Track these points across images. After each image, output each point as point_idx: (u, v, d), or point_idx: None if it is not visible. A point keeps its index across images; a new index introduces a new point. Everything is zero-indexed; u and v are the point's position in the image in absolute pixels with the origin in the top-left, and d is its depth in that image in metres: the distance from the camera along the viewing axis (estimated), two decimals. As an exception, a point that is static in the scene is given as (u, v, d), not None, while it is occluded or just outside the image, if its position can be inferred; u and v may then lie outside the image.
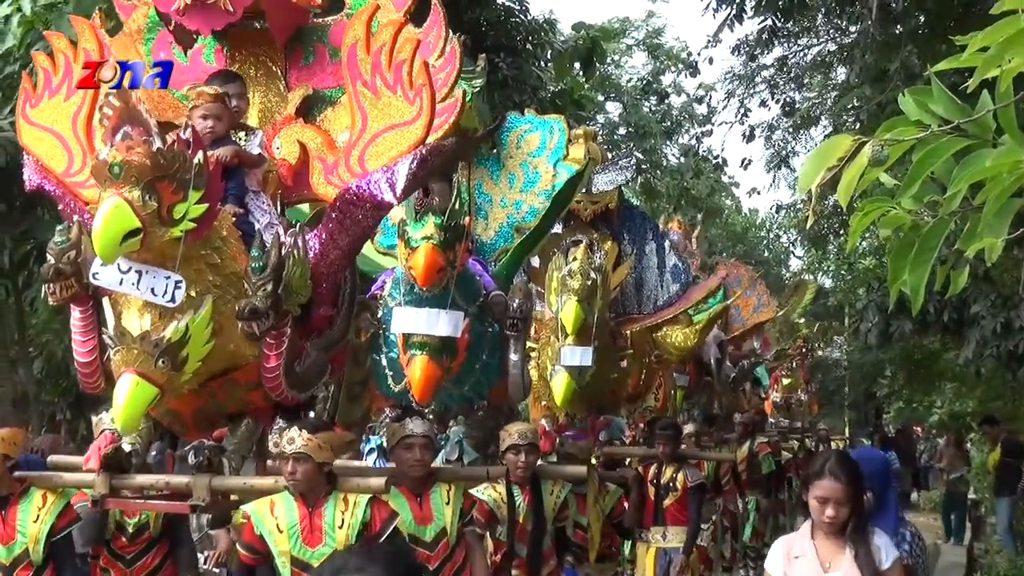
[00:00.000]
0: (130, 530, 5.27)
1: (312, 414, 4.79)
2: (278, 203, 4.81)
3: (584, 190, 7.70)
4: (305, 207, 5.45)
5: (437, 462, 5.87)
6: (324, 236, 4.37)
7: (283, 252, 4.13)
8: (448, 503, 5.02)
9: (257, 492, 4.41)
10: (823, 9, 13.78)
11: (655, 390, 9.58)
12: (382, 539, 4.35)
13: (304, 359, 4.44)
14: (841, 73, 14.83)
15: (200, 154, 3.98)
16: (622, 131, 22.39)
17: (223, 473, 4.41)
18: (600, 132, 21.11)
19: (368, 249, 6.49)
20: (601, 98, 21.60)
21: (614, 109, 22.68)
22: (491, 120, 6.56)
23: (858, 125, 11.49)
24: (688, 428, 9.61)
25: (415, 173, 4.24)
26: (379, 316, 5.71)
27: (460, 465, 5.66)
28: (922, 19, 11.04)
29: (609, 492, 7.09)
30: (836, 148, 2.27)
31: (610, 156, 8.69)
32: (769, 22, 13.54)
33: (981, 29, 2.20)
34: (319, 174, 4.60)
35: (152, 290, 3.90)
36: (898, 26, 11.07)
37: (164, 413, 4.46)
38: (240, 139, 4.73)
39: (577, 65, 15.00)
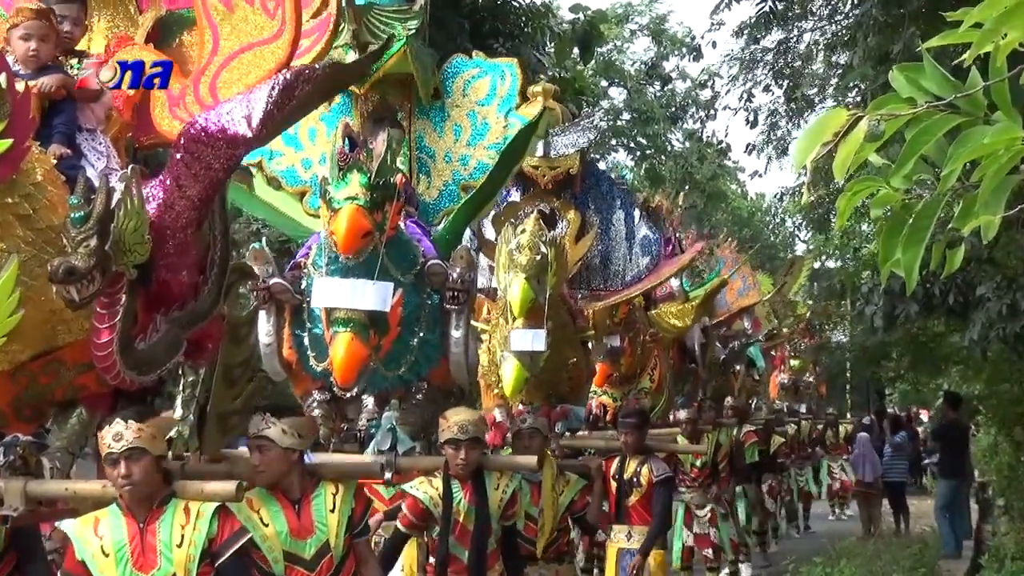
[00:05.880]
0: None
1: (179, 402, 3.71)
2: (126, 146, 3.72)
3: (542, 153, 6.59)
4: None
5: (368, 452, 4.85)
6: (168, 182, 3.29)
7: (112, 200, 3.08)
8: (333, 510, 3.82)
9: (82, 499, 3.33)
10: (823, -9, 12.75)
11: (650, 371, 8.50)
12: (222, 560, 3.27)
13: (151, 334, 3.37)
14: (843, 57, 13.81)
15: (1, 78, 2.96)
16: (626, 116, 21.29)
17: (42, 475, 3.34)
18: (604, 118, 20.06)
19: (296, 211, 5.59)
20: (605, 84, 20.47)
21: (618, 95, 21.60)
22: (433, 67, 5.42)
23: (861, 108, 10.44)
24: (681, 415, 8.51)
25: (277, 102, 3.18)
26: (303, 287, 4.90)
27: (394, 456, 4.67)
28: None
29: (569, 483, 5.70)
30: (831, 123, 2.11)
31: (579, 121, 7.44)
32: (768, 6, 12.65)
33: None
34: (162, 107, 3.56)
35: None
36: (900, 8, 10.19)
37: (-25, 402, 3.42)
38: (71, 67, 3.65)
39: (576, 50, 13.95)
